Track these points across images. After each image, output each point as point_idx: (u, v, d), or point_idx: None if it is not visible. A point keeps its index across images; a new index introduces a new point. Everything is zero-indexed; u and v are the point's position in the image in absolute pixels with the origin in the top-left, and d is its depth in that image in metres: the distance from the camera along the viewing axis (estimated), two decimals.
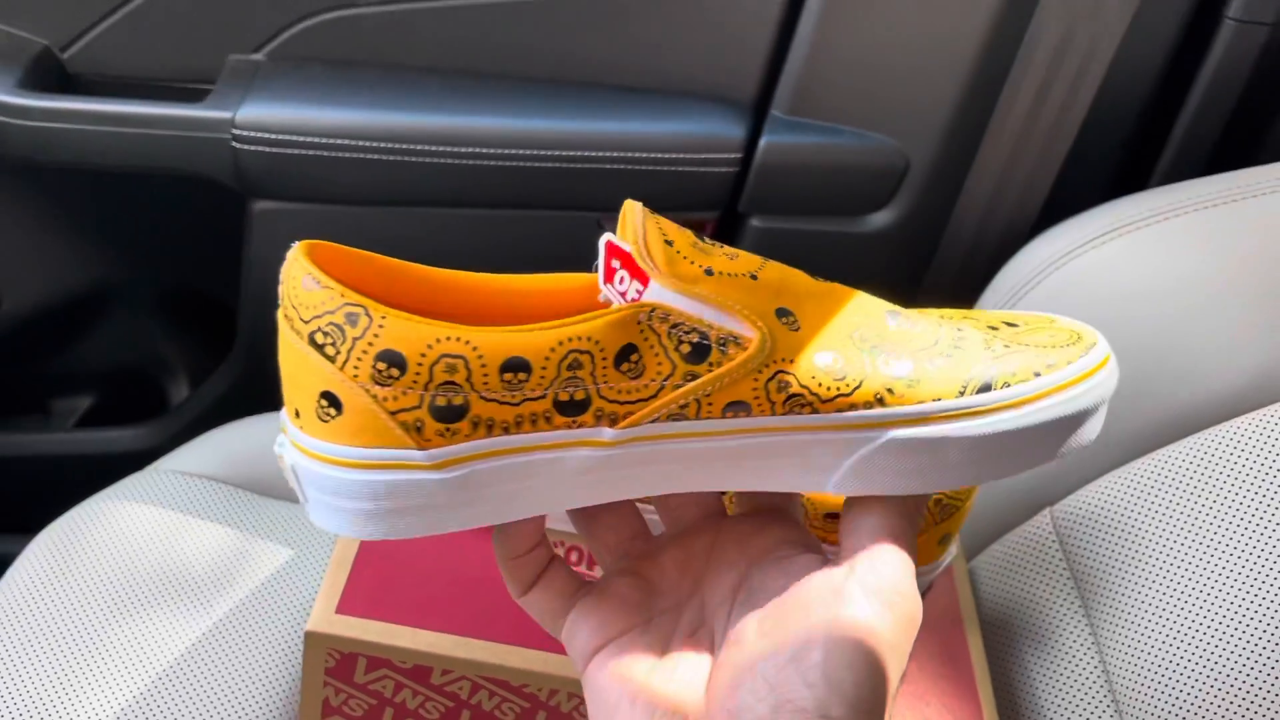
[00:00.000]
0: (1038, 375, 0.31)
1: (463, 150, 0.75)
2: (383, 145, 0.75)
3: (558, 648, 0.45)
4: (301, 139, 0.74)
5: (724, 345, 0.30)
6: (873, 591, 0.29)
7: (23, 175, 0.83)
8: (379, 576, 0.46)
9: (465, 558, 0.48)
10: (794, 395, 0.30)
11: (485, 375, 0.28)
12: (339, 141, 0.74)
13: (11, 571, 0.59)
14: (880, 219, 0.81)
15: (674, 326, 0.29)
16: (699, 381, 0.29)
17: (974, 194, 0.80)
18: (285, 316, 0.29)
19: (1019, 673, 0.54)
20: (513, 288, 0.32)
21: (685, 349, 0.29)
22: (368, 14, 0.75)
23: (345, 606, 0.45)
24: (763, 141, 0.76)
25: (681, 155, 0.77)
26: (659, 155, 0.76)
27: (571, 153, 0.76)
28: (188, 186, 0.79)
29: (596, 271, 0.31)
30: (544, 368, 0.29)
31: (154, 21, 0.76)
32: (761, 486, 0.32)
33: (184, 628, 0.55)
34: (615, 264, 0.31)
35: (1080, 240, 0.63)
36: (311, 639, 0.44)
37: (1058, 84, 0.74)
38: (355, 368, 0.28)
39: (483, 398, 0.28)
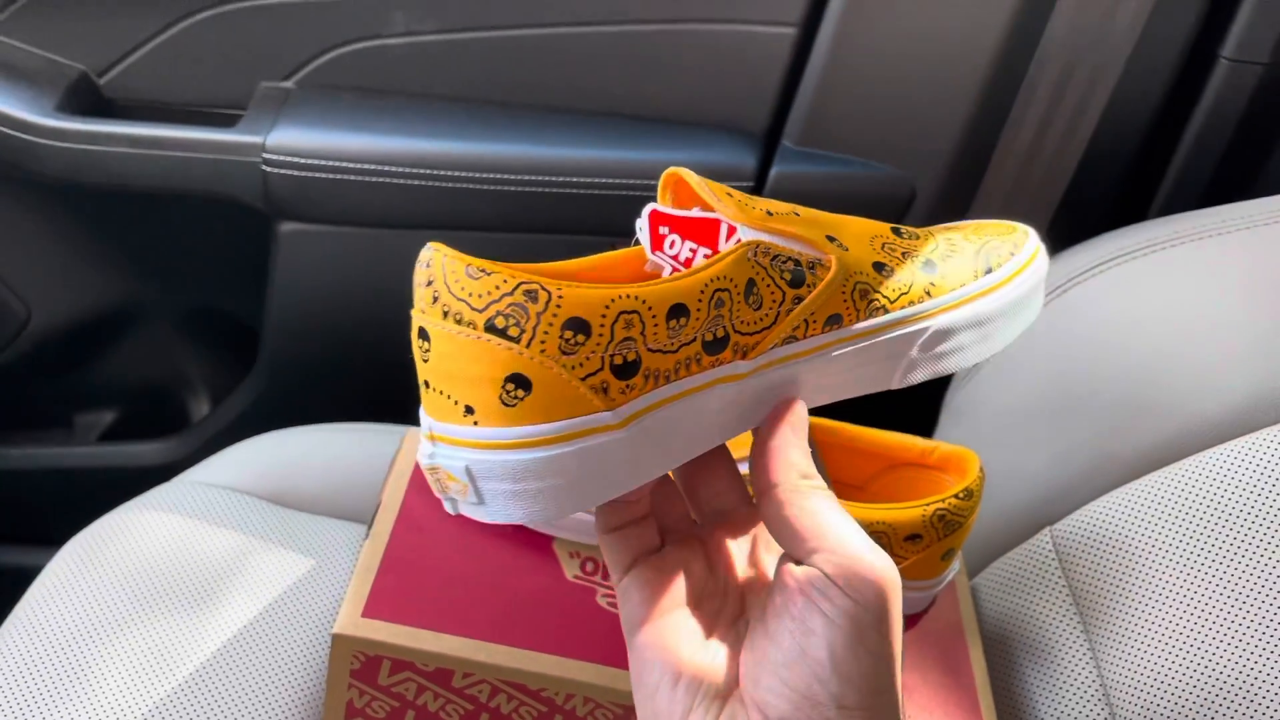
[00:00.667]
0: (1013, 255, 0.38)
1: (485, 176, 0.77)
2: (407, 170, 0.76)
3: (574, 653, 0.46)
4: (329, 163, 0.76)
5: (813, 269, 0.33)
6: (851, 573, 0.30)
7: (57, 195, 0.84)
8: (403, 582, 0.48)
9: (486, 564, 0.49)
10: (872, 300, 0.35)
11: (655, 326, 0.30)
12: (365, 166, 0.76)
13: (40, 580, 0.59)
14: None
15: (774, 259, 0.33)
16: (805, 302, 0.33)
17: None
18: (445, 313, 0.29)
19: (1019, 688, 0.54)
20: (569, 270, 0.34)
21: (788, 276, 0.33)
22: (394, 45, 0.77)
23: (371, 610, 0.46)
24: (774, 171, 0.78)
25: None
26: None
27: (590, 179, 0.77)
28: (214, 208, 0.80)
29: (638, 244, 0.34)
30: (699, 309, 0.31)
31: (188, 49, 0.78)
32: (848, 394, 0.36)
33: (208, 634, 0.55)
34: (664, 230, 0.33)
35: (1080, 268, 0.64)
36: (338, 641, 0.45)
37: (1059, 117, 0.76)
38: (543, 342, 0.28)
39: (650, 349, 0.30)
